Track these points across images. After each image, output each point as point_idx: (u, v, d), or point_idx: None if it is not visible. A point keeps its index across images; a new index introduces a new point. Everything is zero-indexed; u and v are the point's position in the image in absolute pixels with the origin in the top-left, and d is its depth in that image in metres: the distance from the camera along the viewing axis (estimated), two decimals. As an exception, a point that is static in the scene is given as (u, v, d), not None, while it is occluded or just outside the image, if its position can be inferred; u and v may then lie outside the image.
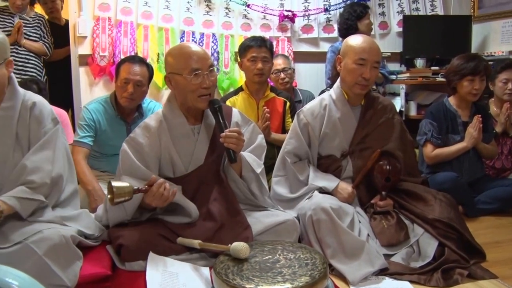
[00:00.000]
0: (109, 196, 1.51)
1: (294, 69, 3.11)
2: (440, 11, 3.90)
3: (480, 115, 2.40)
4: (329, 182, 1.94)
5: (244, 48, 2.57)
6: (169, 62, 1.72)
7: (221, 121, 1.70)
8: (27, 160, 1.56)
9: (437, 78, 3.50)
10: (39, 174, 1.54)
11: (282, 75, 3.00)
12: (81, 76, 3.28)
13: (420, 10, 3.88)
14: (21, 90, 1.63)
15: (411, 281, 1.62)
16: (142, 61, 2.36)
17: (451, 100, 2.56)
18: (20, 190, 1.50)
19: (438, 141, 2.48)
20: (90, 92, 3.29)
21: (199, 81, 1.67)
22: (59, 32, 3.38)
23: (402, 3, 3.87)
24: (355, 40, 1.95)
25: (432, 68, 3.61)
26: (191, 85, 1.67)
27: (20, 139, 1.58)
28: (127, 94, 2.26)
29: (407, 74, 3.58)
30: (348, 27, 3.15)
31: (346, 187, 1.91)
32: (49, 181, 1.57)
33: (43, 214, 1.55)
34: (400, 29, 3.79)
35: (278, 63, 3.03)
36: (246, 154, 1.78)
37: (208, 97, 1.71)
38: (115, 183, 1.50)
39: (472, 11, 3.78)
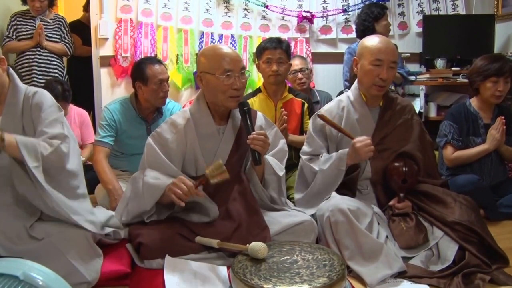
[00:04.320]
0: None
1: (311, 70, 3.10)
2: (462, 11, 3.83)
3: (503, 117, 2.35)
4: (338, 154, 1.89)
5: (260, 50, 2.58)
6: (202, 61, 1.76)
7: (249, 123, 1.73)
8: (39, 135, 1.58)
9: (458, 79, 3.44)
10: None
11: (299, 75, 2.99)
12: (103, 77, 3.35)
13: (440, 10, 3.82)
14: (22, 85, 1.65)
15: (430, 285, 1.59)
16: (158, 60, 2.45)
17: (473, 102, 2.51)
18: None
19: (459, 143, 2.44)
20: (112, 92, 3.35)
21: (230, 82, 1.70)
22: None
23: (422, 3, 3.82)
24: (371, 41, 1.94)
25: (453, 68, 3.54)
26: (223, 86, 1.70)
27: (27, 133, 1.61)
28: (164, 93, 2.34)
29: (427, 75, 3.53)
30: (365, 28, 3.12)
31: (358, 138, 1.82)
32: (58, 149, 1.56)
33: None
34: (420, 29, 3.74)
35: (296, 63, 3.02)
36: (268, 158, 1.80)
37: (238, 98, 1.74)
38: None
39: (495, 10, 3.70)
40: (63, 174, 1.60)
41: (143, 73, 2.30)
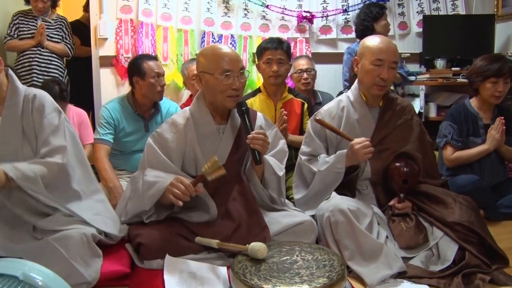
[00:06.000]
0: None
1: (316, 72, 3.11)
2: (461, 11, 3.84)
3: (503, 117, 2.35)
4: (337, 155, 1.89)
5: (260, 51, 2.58)
6: (201, 61, 1.76)
7: (247, 123, 1.73)
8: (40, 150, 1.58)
9: (458, 79, 3.44)
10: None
11: (305, 75, 3.00)
12: (104, 77, 3.35)
13: (440, 10, 3.83)
14: (21, 86, 1.65)
15: (430, 285, 1.59)
16: (153, 56, 2.50)
17: (473, 102, 2.51)
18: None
19: (459, 143, 2.44)
20: (114, 92, 3.33)
21: (229, 82, 1.70)
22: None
23: (422, 3, 3.82)
24: (372, 41, 1.94)
25: (453, 69, 3.55)
26: (222, 85, 1.70)
27: (27, 133, 1.60)
28: (161, 87, 2.38)
29: (427, 75, 3.53)
30: (364, 28, 3.13)
31: (357, 140, 1.83)
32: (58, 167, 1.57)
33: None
34: (420, 30, 3.74)
35: (302, 63, 3.03)
36: (268, 158, 1.80)
37: (237, 98, 1.75)
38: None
39: (495, 10, 3.70)
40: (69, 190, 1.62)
41: (140, 68, 2.34)
